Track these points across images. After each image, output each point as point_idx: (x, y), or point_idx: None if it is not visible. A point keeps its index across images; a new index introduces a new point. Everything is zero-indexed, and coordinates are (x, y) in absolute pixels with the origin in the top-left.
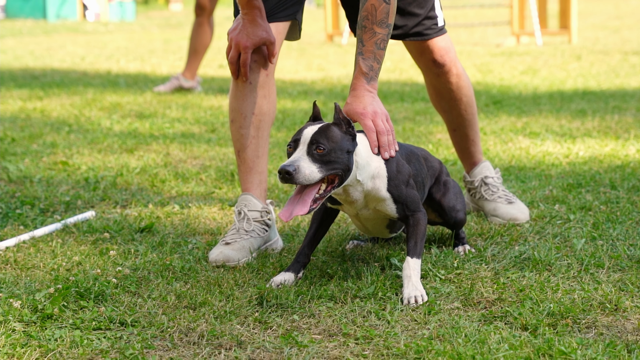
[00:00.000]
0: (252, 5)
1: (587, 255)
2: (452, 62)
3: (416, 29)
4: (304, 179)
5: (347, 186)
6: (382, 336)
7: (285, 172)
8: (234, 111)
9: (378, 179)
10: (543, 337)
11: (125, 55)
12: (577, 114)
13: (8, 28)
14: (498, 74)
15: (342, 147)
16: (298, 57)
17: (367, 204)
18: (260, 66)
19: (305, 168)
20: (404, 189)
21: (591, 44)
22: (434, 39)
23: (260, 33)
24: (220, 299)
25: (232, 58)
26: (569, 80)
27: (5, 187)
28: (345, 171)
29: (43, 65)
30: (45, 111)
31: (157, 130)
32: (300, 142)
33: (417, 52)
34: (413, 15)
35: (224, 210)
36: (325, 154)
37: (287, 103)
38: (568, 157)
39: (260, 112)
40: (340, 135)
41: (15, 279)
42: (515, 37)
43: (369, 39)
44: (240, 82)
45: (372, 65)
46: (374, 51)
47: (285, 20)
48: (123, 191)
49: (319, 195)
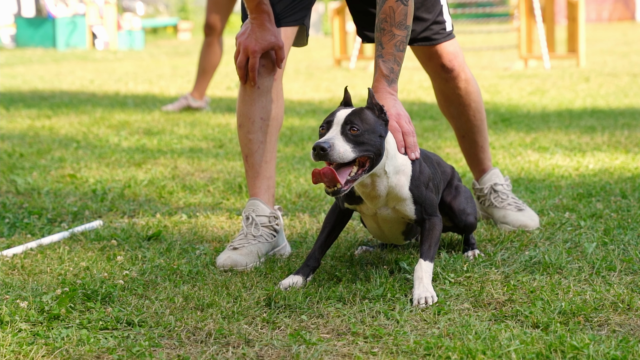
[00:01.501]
0: (261, 9)
1: (598, 258)
2: (461, 67)
3: (424, 33)
4: (338, 156)
5: (374, 176)
6: (391, 334)
7: (320, 148)
8: (242, 116)
9: (403, 176)
10: (555, 334)
11: (134, 79)
12: (586, 130)
13: (18, 56)
14: (506, 95)
15: (375, 130)
16: (306, 79)
17: (387, 202)
18: (268, 71)
19: (339, 146)
20: (424, 190)
21: (599, 67)
22: (442, 44)
23: (269, 37)
24: (227, 300)
25: (240, 62)
26: (577, 100)
27: (12, 198)
28: (377, 155)
29: (52, 88)
30: (54, 129)
31: (165, 146)
32: (333, 123)
33: (426, 57)
34: (421, 20)
35: (232, 219)
36: (359, 135)
37: (295, 121)
38: (578, 169)
39: (268, 116)
40: (373, 118)
41: (22, 284)
42: (523, 60)
43: (388, 41)
44: (248, 86)
45: (392, 67)
46: (393, 53)
47: (294, 25)
48: (131, 202)
49: (350, 177)
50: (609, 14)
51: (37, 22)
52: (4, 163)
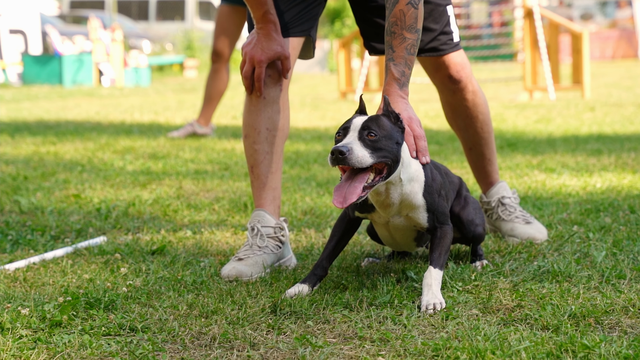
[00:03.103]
0: (267, 19)
1: (608, 267)
2: (468, 79)
3: (432, 44)
4: (357, 161)
5: (389, 184)
6: (398, 338)
7: (339, 151)
8: (247, 126)
9: (416, 183)
10: (565, 335)
11: (140, 110)
12: (592, 152)
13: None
14: (512, 123)
15: (392, 136)
16: (311, 110)
17: (400, 211)
18: (274, 81)
19: (358, 150)
20: (436, 198)
21: (604, 98)
22: (449, 55)
23: (275, 47)
24: (232, 307)
25: (246, 72)
26: (583, 127)
27: (16, 217)
28: (394, 162)
29: (57, 118)
30: (58, 154)
31: (170, 169)
32: (350, 129)
33: (433, 68)
34: (429, 31)
35: (237, 234)
36: (377, 141)
37: (301, 146)
38: (585, 188)
39: (274, 127)
40: (390, 125)
41: (24, 295)
42: (528, 92)
43: (399, 44)
44: (254, 97)
45: (403, 70)
46: (404, 57)
47: (300, 35)
48: (135, 219)
49: (367, 184)
50: (612, 51)
51: (44, 60)
52: (8, 185)
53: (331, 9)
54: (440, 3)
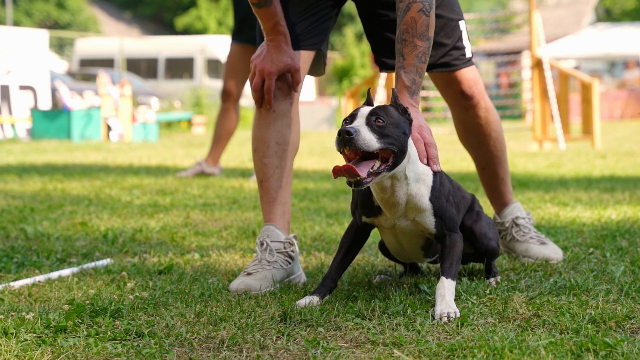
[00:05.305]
0: (278, 31)
1: (627, 281)
2: (481, 95)
3: (444, 59)
4: (364, 143)
5: (394, 179)
6: (412, 342)
7: (346, 132)
8: (257, 140)
9: (423, 185)
10: (586, 337)
11: (147, 157)
12: (606, 190)
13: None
14: (522, 167)
15: (400, 125)
16: (320, 157)
17: (406, 213)
18: (284, 94)
19: (365, 133)
20: (444, 203)
21: (616, 147)
22: (461, 70)
23: (285, 59)
24: (241, 316)
25: (256, 85)
26: (595, 171)
27: (22, 242)
28: (401, 152)
29: (65, 161)
30: (66, 190)
31: (178, 202)
32: (357, 116)
33: (445, 83)
34: (441, 45)
35: (246, 257)
36: (384, 127)
37: (309, 184)
38: (600, 219)
39: (284, 141)
40: (398, 115)
41: (28, 307)
42: (537, 142)
43: (410, 52)
44: (263, 110)
45: (414, 78)
46: (415, 64)
47: (311, 49)
48: (142, 244)
49: (372, 170)
50: (621, 111)
51: (52, 115)
52: (14, 216)
53: (339, 67)
54: (453, 18)
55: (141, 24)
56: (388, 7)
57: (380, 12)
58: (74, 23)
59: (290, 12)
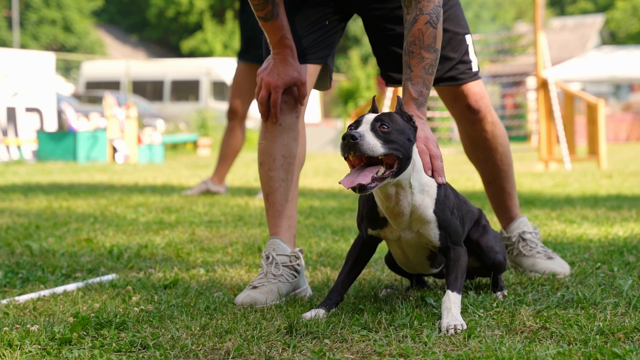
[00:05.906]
0: (284, 44)
1: (635, 295)
2: (487, 109)
3: (450, 73)
4: (368, 147)
5: (399, 187)
6: (419, 354)
7: (351, 136)
8: (263, 153)
9: (427, 197)
10: (594, 347)
11: (153, 177)
12: (613, 207)
13: (39, 169)
14: (528, 186)
15: (404, 132)
16: (325, 177)
17: (411, 225)
18: (290, 107)
19: (369, 138)
20: (449, 215)
21: (622, 168)
22: (468, 84)
23: (292, 72)
24: (247, 328)
25: (262, 98)
26: (601, 190)
27: (27, 258)
28: (405, 158)
29: (70, 181)
30: (71, 208)
31: (184, 220)
32: (362, 122)
33: (451, 98)
34: (447, 59)
35: (251, 272)
36: (389, 133)
37: (315, 202)
38: (607, 236)
39: (290, 154)
40: (402, 122)
41: (33, 320)
42: (543, 162)
43: (417, 64)
44: (270, 123)
45: (421, 90)
46: (422, 76)
47: (317, 62)
48: (147, 260)
49: (377, 176)
50: (626, 134)
51: (58, 137)
52: (19, 233)
53: (345, 89)
54: (459, 32)
55: (147, 47)
56: (394, 22)
57: (387, 26)
58: (81, 46)
59: (297, 26)
